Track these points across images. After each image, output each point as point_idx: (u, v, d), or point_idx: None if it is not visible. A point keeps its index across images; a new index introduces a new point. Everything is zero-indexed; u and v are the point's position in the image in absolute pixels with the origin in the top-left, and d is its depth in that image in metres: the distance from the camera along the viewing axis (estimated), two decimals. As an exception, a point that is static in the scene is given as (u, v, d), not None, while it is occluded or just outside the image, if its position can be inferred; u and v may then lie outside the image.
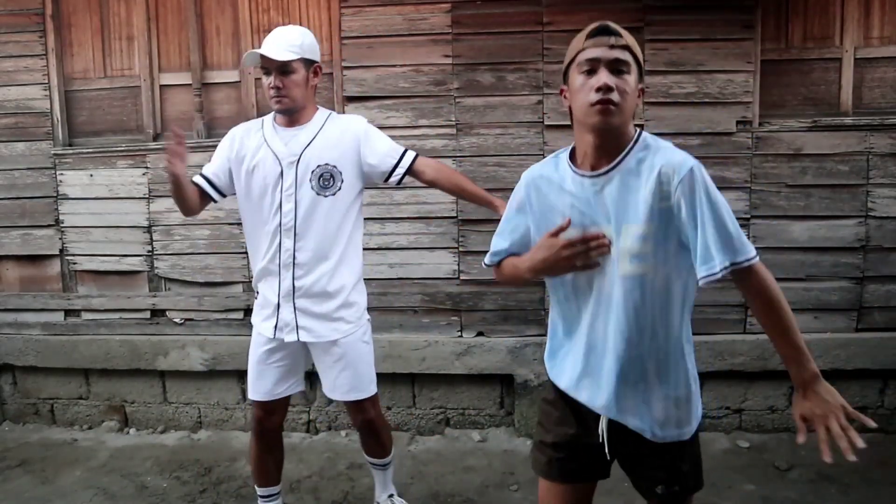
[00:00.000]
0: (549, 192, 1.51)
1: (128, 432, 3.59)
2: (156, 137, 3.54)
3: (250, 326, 3.47)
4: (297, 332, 2.24)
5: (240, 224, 3.41)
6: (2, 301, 3.68)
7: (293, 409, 3.51)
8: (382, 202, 3.36)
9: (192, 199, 2.25)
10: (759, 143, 3.21)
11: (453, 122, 3.29)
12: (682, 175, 1.34)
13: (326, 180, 2.18)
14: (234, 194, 2.32)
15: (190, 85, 3.50)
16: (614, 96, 1.37)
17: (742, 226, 1.70)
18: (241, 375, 3.52)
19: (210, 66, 3.52)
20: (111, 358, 3.56)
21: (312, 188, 2.18)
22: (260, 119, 2.34)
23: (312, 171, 2.18)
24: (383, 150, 2.27)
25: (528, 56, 3.23)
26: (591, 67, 1.40)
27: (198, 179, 2.29)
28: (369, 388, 2.37)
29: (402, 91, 3.30)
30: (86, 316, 3.63)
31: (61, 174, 3.55)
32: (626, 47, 1.44)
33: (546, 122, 3.24)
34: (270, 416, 2.38)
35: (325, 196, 2.19)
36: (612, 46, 1.42)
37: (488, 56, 3.25)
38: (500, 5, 3.20)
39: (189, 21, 3.46)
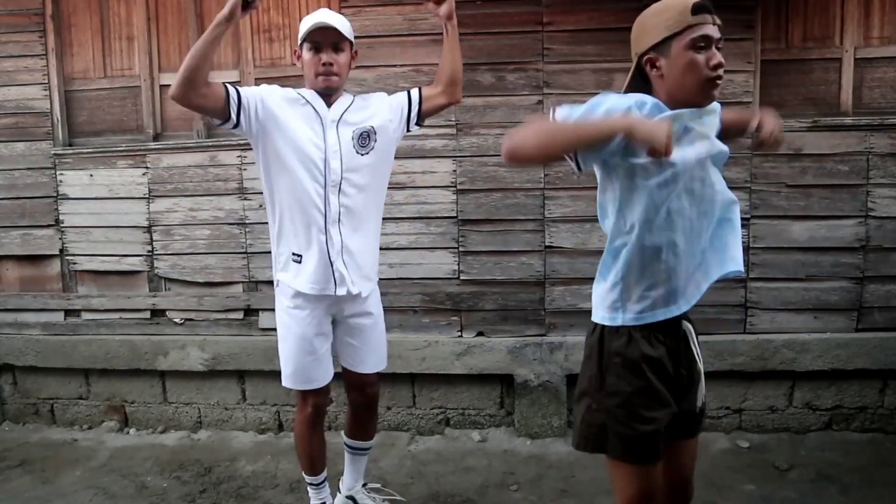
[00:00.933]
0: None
1: (128, 432, 3.59)
2: (156, 137, 3.55)
3: (250, 326, 3.51)
4: (352, 286, 2.26)
5: (240, 224, 3.45)
6: (2, 301, 3.68)
7: (293, 409, 3.51)
8: (382, 202, 3.36)
9: (207, 71, 2.06)
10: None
11: (453, 122, 3.29)
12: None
13: (365, 139, 2.22)
14: (251, 136, 2.18)
15: (190, 85, 3.50)
16: (722, 72, 1.47)
17: (742, 226, 1.73)
18: (241, 375, 3.53)
19: (210, 66, 3.50)
20: (111, 358, 3.56)
21: (353, 147, 2.20)
22: (285, 89, 2.23)
23: (353, 132, 2.20)
24: (397, 100, 2.35)
25: (528, 56, 3.23)
26: (706, 45, 1.46)
27: (230, 88, 2.12)
28: (386, 360, 2.47)
29: (402, 90, 3.29)
30: (86, 316, 3.63)
31: (61, 174, 3.55)
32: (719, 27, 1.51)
33: (546, 122, 3.24)
34: (326, 398, 2.42)
35: (364, 154, 2.22)
36: (715, 24, 1.48)
37: (488, 56, 3.25)
38: (500, 5, 3.20)
39: (189, 21, 3.46)
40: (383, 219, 3.35)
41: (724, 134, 1.65)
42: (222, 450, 3.34)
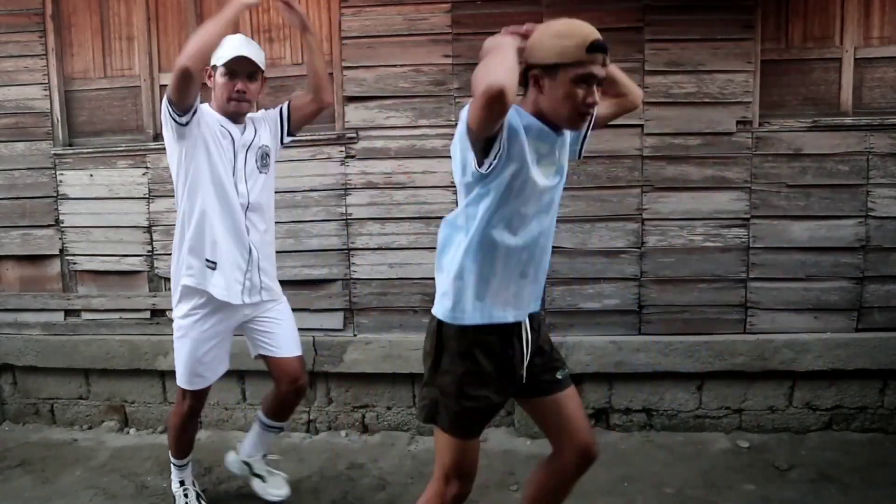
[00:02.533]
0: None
1: (128, 432, 3.59)
2: (156, 137, 3.54)
3: (250, 326, 3.50)
4: (261, 293, 2.47)
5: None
6: (2, 301, 3.68)
7: (293, 409, 3.51)
8: (382, 202, 3.36)
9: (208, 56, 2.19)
10: (759, 143, 3.21)
11: (453, 122, 3.28)
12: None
13: (265, 160, 2.46)
14: (184, 140, 2.24)
15: (190, 85, 3.50)
16: (594, 111, 1.68)
17: (742, 226, 1.75)
18: (241, 375, 3.52)
19: (210, 66, 3.51)
20: (111, 358, 3.56)
21: (258, 168, 2.43)
22: (204, 106, 2.33)
23: (256, 155, 2.42)
24: (272, 116, 2.54)
25: (528, 56, 3.22)
26: (588, 83, 1.59)
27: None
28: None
29: (402, 91, 3.30)
30: (86, 316, 3.63)
31: (61, 174, 3.55)
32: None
33: (546, 122, 3.24)
34: (205, 398, 2.62)
35: (264, 173, 2.46)
36: (603, 65, 1.60)
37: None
38: (500, 5, 3.20)
39: (189, 21, 3.46)
40: (384, 219, 3.39)
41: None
42: (222, 450, 3.32)
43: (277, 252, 3.41)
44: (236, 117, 2.37)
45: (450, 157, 1.82)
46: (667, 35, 3.17)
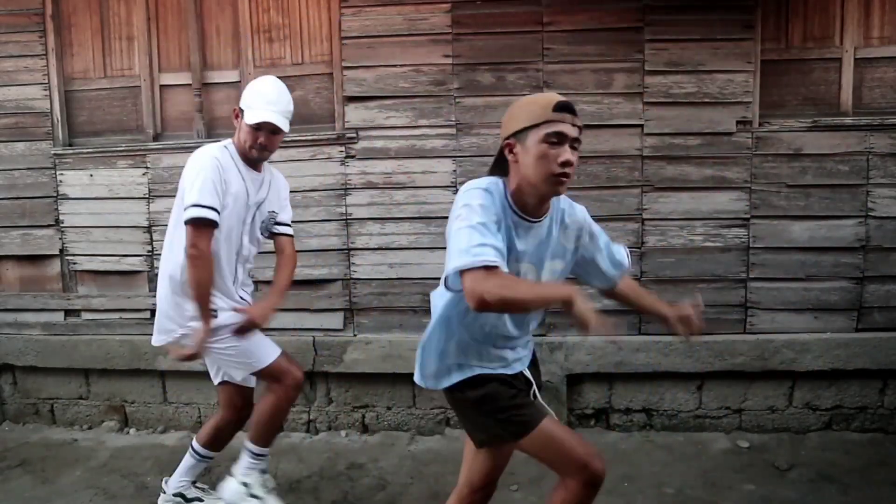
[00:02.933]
0: (502, 218, 1.65)
1: (128, 432, 3.59)
2: (156, 137, 3.55)
3: (250, 326, 3.50)
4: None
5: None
6: (2, 301, 3.68)
7: (293, 408, 3.51)
8: (382, 202, 3.36)
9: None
10: (759, 143, 3.21)
11: (453, 122, 3.29)
12: (581, 222, 1.82)
13: (268, 224, 2.52)
14: None
15: (190, 85, 3.50)
16: (571, 171, 1.60)
17: (742, 226, 1.76)
18: (241, 375, 3.52)
19: (210, 66, 3.52)
20: (111, 358, 3.56)
21: (260, 229, 2.49)
22: (226, 150, 2.38)
23: (264, 217, 2.49)
24: (288, 211, 2.60)
25: (528, 56, 3.23)
26: (559, 141, 1.57)
27: (212, 216, 2.27)
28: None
29: (402, 91, 3.31)
30: (86, 316, 3.63)
31: (61, 174, 3.55)
32: (579, 128, 1.62)
33: (546, 122, 3.24)
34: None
35: (263, 236, 2.54)
36: (574, 125, 1.59)
37: (488, 56, 3.25)
38: (500, 5, 3.20)
39: (189, 21, 3.46)
40: (384, 219, 3.40)
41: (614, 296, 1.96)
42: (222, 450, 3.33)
43: (277, 252, 3.44)
44: (254, 164, 2.43)
45: (449, 156, 1.82)
46: (667, 35, 3.17)
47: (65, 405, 3.70)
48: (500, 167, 1.72)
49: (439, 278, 1.74)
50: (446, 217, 3.58)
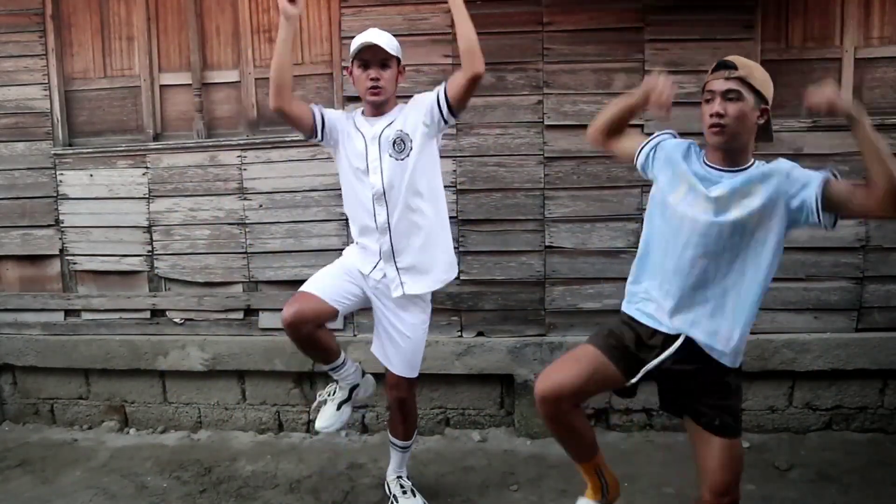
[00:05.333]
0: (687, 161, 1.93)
1: (128, 432, 3.59)
2: (156, 137, 3.55)
3: (250, 326, 3.51)
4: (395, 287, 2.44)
5: (240, 224, 3.46)
6: (2, 301, 3.68)
7: (293, 408, 3.51)
8: (382, 202, 3.36)
9: (289, 73, 2.30)
10: (759, 144, 3.20)
11: (453, 122, 3.28)
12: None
13: (400, 146, 2.38)
14: (330, 147, 2.48)
15: (190, 85, 3.50)
16: (724, 121, 1.78)
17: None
18: (241, 375, 3.53)
19: (210, 66, 3.52)
20: (111, 358, 3.56)
21: (392, 156, 2.37)
22: (348, 112, 2.49)
23: (389, 142, 2.38)
24: (428, 97, 2.41)
25: (528, 56, 3.22)
26: (710, 97, 1.81)
27: (316, 109, 2.39)
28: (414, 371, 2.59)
29: (402, 91, 3.28)
30: (86, 316, 3.63)
31: (61, 174, 3.55)
32: (740, 79, 1.79)
33: (546, 122, 3.24)
34: (304, 322, 2.37)
35: (402, 160, 2.37)
36: (727, 79, 1.79)
37: (488, 56, 3.19)
38: (500, 5, 3.20)
39: (189, 21, 3.46)
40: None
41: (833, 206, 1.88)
42: (222, 450, 3.34)
43: (277, 252, 3.44)
44: (378, 108, 2.39)
45: (449, 156, 1.86)
46: (667, 35, 3.17)
47: (65, 405, 3.70)
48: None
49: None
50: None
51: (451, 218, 3.31)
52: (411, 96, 2.48)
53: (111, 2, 3.53)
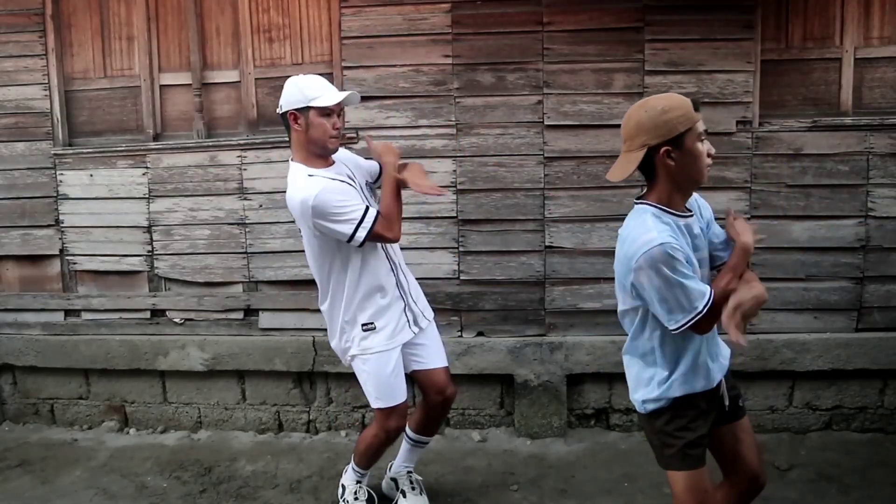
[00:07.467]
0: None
1: (128, 432, 3.59)
2: (156, 137, 3.55)
3: (250, 326, 3.51)
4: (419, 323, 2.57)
5: (240, 224, 3.46)
6: (2, 301, 3.68)
7: (293, 408, 3.51)
8: (382, 202, 3.36)
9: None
10: (759, 143, 3.21)
11: (453, 122, 3.29)
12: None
13: (369, 186, 2.61)
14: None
15: (190, 85, 3.50)
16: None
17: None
18: (241, 375, 3.53)
19: (210, 66, 3.52)
20: (111, 358, 3.56)
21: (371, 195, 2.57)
22: (305, 173, 2.34)
23: (365, 183, 2.57)
24: (365, 164, 2.69)
25: (528, 56, 3.22)
26: (705, 137, 1.81)
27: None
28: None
29: (402, 91, 3.30)
30: (86, 316, 3.63)
31: (61, 174, 3.55)
32: None
33: (546, 122, 3.24)
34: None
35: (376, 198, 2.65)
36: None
37: (488, 56, 3.25)
38: (500, 5, 3.20)
39: (189, 21, 3.46)
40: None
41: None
42: (222, 450, 3.34)
43: (277, 252, 3.44)
44: (329, 158, 2.41)
45: (449, 156, 1.86)
46: (667, 35, 3.17)
47: (65, 405, 3.70)
48: (649, 176, 1.86)
49: (439, 278, 1.77)
50: (446, 217, 3.61)
51: (450, 218, 3.35)
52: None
53: (111, 2, 3.53)
